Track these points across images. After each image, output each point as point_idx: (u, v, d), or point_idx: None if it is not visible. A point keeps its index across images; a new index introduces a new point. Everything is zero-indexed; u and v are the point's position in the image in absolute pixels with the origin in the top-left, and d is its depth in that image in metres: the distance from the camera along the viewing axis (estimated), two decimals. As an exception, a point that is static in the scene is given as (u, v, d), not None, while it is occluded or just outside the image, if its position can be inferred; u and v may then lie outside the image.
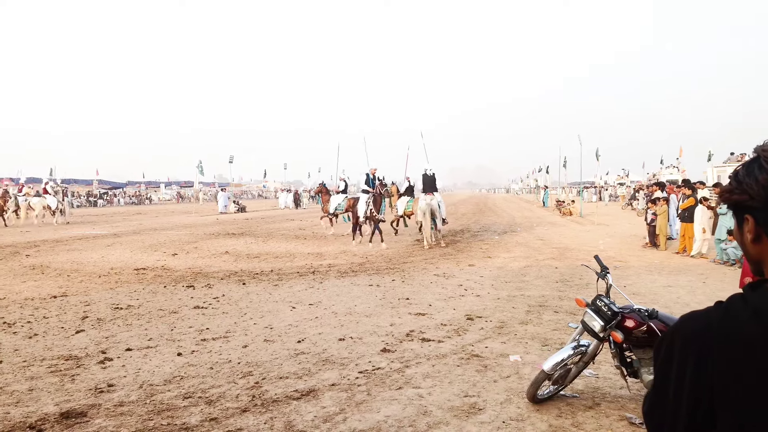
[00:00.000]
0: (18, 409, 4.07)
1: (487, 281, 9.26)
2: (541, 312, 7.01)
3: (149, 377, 4.75)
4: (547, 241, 15.76)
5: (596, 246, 14.17)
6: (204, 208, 40.74)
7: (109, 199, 55.17)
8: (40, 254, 13.74)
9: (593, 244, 14.56)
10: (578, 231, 19.03)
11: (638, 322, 3.77)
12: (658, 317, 3.78)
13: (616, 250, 13.24)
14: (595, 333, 3.96)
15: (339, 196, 18.12)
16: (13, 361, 5.22)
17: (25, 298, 8.18)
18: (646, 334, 3.75)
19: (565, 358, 4.01)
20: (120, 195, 58.20)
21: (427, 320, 6.66)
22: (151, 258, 12.87)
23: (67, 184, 50.75)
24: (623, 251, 13.15)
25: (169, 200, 62.93)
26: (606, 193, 48.87)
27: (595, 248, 13.57)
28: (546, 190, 42.70)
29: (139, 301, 7.98)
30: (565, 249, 13.66)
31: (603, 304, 3.94)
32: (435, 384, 4.54)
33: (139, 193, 61.28)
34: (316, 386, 4.51)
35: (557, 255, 12.52)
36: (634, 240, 15.34)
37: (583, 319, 4.11)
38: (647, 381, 3.79)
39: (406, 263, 11.60)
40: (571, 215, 27.50)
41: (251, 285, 9.23)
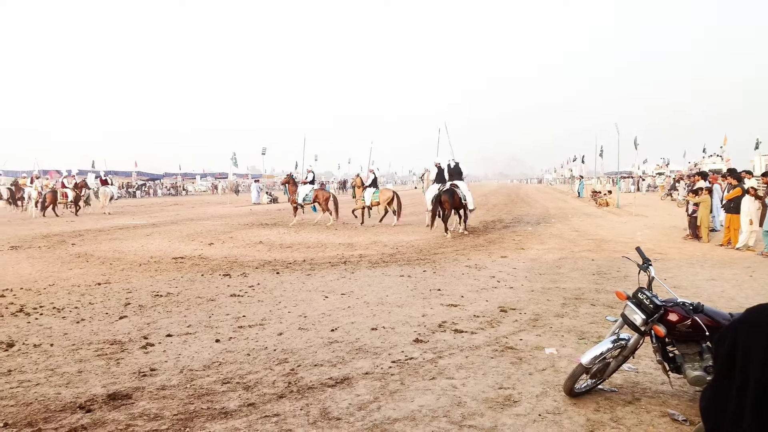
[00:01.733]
0: (69, 390, 4.25)
1: (521, 273, 9.16)
2: (577, 305, 6.90)
3: (189, 362, 4.89)
4: (583, 232, 15.47)
5: (634, 238, 13.83)
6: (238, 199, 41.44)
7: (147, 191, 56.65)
8: (84, 243, 14.25)
9: (631, 236, 14.21)
10: (615, 222, 18.60)
11: (682, 316, 3.67)
12: (704, 311, 3.67)
13: (655, 242, 12.89)
14: (636, 326, 3.88)
15: (306, 186, 19.29)
16: (63, 344, 5.44)
17: (72, 285, 8.51)
18: (691, 328, 3.65)
19: (604, 351, 3.94)
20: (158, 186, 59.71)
21: (460, 311, 6.64)
22: (189, 247, 13.18)
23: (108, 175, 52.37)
24: (663, 243, 12.80)
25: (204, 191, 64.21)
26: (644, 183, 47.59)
27: (633, 240, 13.25)
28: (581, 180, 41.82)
29: (178, 288, 8.20)
30: (602, 241, 13.37)
31: (645, 297, 3.84)
32: (468, 375, 4.53)
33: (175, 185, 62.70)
34: (350, 374, 4.56)
35: (593, 247, 12.27)
36: (674, 231, 14.91)
37: (623, 312, 4.02)
38: (691, 377, 3.69)
39: (437, 254, 11.56)
40: (607, 206, 26.89)
41: (285, 274, 9.36)
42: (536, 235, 15.07)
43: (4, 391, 4.26)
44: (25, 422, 3.71)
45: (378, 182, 19.46)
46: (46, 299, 7.52)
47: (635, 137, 26.44)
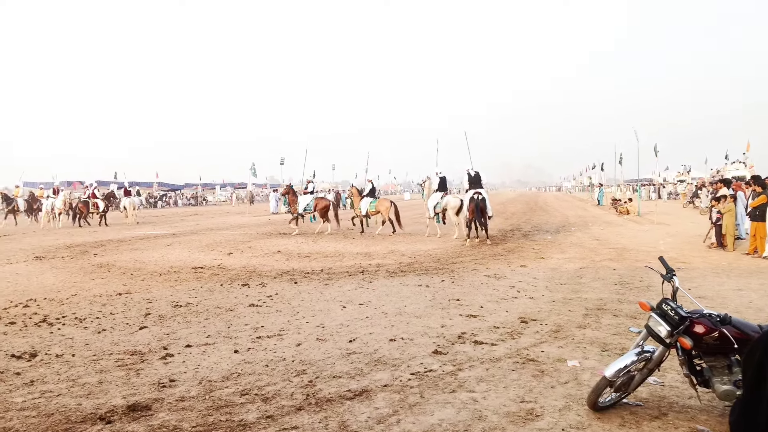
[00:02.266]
0: (89, 401, 4.28)
1: (541, 283, 9.03)
2: (599, 315, 6.77)
3: (208, 373, 4.89)
4: (604, 241, 15.24)
5: (656, 246, 13.58)
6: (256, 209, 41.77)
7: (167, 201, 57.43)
8: (106, 253, 14.46)
9: (653, 245, 13.96)
10: (636, 230, 18.30)
11: (709, 328, 3.56)
12: (731, 323, 3.56)
13: (678, 251, 12.64)
14: (660, 338, 3.78)
15: (307, 196, 19.67)
16: (84, 354, 5.50)
17: (93, 295, 8.62)
18: (718, 340, 3.54)
19: (629, 364, 3.84)
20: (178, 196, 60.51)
21: (479, 322, 6.55)
22: (208, 257, 13.29)
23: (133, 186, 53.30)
24: (686, 252, 12.54)
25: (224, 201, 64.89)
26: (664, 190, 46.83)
27: (655, 249, 13.01)
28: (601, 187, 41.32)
29: (197, 299, 8.25)
30: (623, 249, 13.15)
31: (669, 308, 3.74)
32: (489, 388, 4.46)
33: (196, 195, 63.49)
34: (369, 387, 4.52)
35: (615, 256, 12.07)
36: (697, 240, 14.60)
37: (647, 323, 3.92)
38: (720, 391, 3.57)
39: (455, 263, 11.48)
40: (628, 214, 26.49)
41: (303, 284, 9.37)
42: (556, 243, 14.89)
43: (26, 401, 4.30)
44: (47, 433, 3.74)
45: (375, 191, 19.87)
46: (69, 309, 7.62)
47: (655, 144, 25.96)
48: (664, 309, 3.79)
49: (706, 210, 21.12)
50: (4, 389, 4.57)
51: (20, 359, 5.38)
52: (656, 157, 26.63)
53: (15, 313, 7.41)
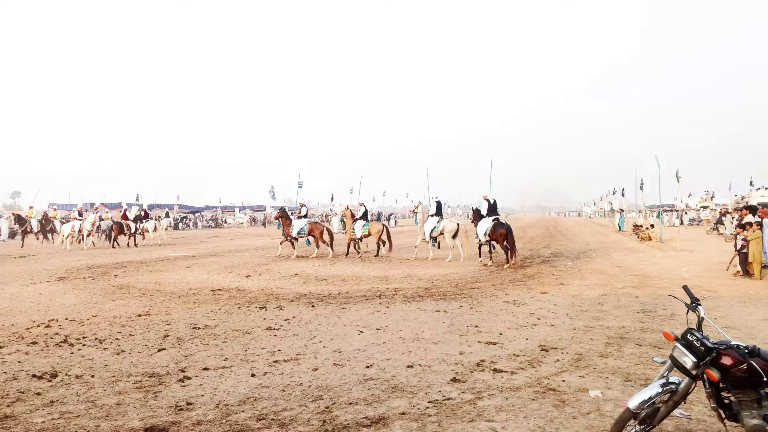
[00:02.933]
0: (108, 423, 4.30)
1: (562, 310, 8.89)
2: (621, 344, 6.62)
3: (225, 397, 4.88)
4: (625, 267, 14.99)
5: (679, 274, 13.31)
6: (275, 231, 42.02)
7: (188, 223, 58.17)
8: (126, 274, 14.65)
9: (676, 272, 13.68)
10: (659, 257, 17.98)
11: (737, 360, 3.45)
12: (760, 355, 3.45)
13: (702, 279, 12.36)
14: (686, 370, 3.67)
15: (301, 220, 19.95)
16: (103, 375, 5.53)
17: (113, 316, 8.71)
18: (747, 373, 3.43)
19: (653, 396, 3.73)
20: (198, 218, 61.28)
21: (499, 350, 6.45)
22: (227, 279, 13.37)
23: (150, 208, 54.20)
24: (711, 280, 12.26)
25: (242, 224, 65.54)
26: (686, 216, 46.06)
27: (679, 276, 12.75)
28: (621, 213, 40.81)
29: (215, 321, 8.28)
30: (645, 277, 12.91)
31: (695, 339, 3.64)
32: (509, 418, 4.37)
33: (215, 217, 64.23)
34: (386, 414, 4.46)
35: (637, 283, 11.85)
36: (722, 268, 14.27)
37: (672, 354, 3.82)
38: (750, 426, 3.45)
39: (474, 289, 11.37)
40: (650, 240, 26.06)
41: (320, 307, 9.35)
42: (576, 270, 14.68)
43: (46, 422, 4.33)
44: (65, 455, 3.74)
45: (368, 215, 20.39)
46: (89, 330, 7.70)
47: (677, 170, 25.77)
48: (689, 339, 3.69)
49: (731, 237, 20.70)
50: (24, 409, 4.61)
51: (41, 379, 5.43)
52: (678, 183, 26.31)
53: (37, 333, 7.51)
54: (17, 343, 6.93)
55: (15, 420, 4.38)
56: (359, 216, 19.85)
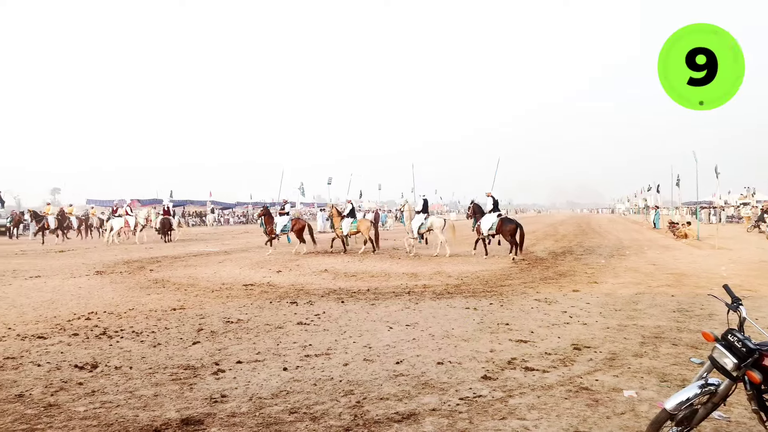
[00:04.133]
0: (146, 413, 4.43)
1: (594, 308, 8.74)
2: (657, 344, 6.48)
3: (258, 390, 4.97)
4: (661, 266, 14.63)
5: (718, 272, 12.92)
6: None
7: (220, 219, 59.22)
8: (161, 269, 15.02)
9: (714, 271, 13.28)
10: (696, 255, 17.49)
11: (780, 362, 3.34)
12: (805, 357, 3.33)
13: (742, 278, 11.97)
14: (726, 371, 3.57)
15: (284, 217, 20.09)
16: (141, 367, 5.70)
17: (149, 310, 8.95)
18: (791, 376, 3.32)
19: (691, 397, 3.64)
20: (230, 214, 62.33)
21: (530, 348, 6.39)
22: (258, 274, 13.59)
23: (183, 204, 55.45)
24: (751, 279, 11.86)
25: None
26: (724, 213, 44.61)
27: (717, 275, 12.37)
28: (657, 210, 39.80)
29: (247, 315, 8.43)
30: (682, 275, 12.58)
31: (736, 340, 3.54)
32: (541, 416, 4.32)
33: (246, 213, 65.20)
34: (417, 410, 4.47)
35: (673, 282, 11.56)
36: (763, 267, 13.80)
37: (711, 354, 3.72)
38: (793, 430, 3.34)
39: (504, 286, 11.28)
40: (686, 238, 25.35)
41: (349, 303, 9.42)
42: (610, 268, 14.40)
43: (88, 411, 4.49)
44: (106, 443, 3.88)
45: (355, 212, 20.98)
46: (126, 323, 7.93)
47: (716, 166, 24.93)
48: (730, 340, 3.59)
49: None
50: (68, 398, 4.79)
51: (83, 370, 5.62)
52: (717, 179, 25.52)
53: (78, 325, 7.78)
54: (59, 335, 7.19)
55: (59, 409, 4.55)
56: (346, 213, 20.22)
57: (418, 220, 18.60)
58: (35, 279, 12.95)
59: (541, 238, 27.72)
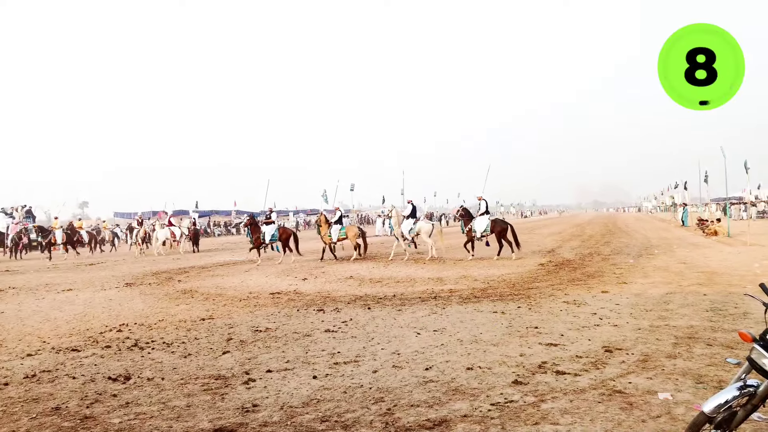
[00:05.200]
0: (179, 423, 4.49)
1: (625, 309, 8.58)
2: (691, 345, 6.33)
3: (288, 399, 5.00)
4: (691, 264, 14.30)
5: (751, 270, 12.57)
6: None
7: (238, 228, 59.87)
8: (189, 279, 15.25)
9: (747, 268, 12.93)
10: (727, 253, 17.05)
11: (823, 362, 3.24)
12: None
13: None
14: (766, 372, 3.47)
15: (271, 226, 19.90)
16: (173, 378, 5.79)
17: (179, 320, 9.09)
18: (835, 376, 3.21)
19: (730, 399, 3.54)
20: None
21: (560, 351, 6.31)
22: (284, 282, 13.69)
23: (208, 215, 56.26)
24: (787, 276, 11.52)
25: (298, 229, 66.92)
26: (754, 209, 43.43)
27: (750, 273, 12.05)
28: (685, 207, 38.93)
29: (275, 324, 8.50)
30: (713, 273, 12.28)
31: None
32: (575, 421, 4.26)
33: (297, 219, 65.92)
34: (448, 416, 4.44)
35: (704, 280, 11.29)
36: (800, 263, 13.38)
37: (750, 355, 3.62)
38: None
39: (531, 289, 11.16)
40: (716, 235, 24.76)
41: (376, 309, 9.42)
42: (639, 267, 14.14)
43: (122, 422, 4.58)
44: (143, 453, 3.95)
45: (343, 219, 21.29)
46: (157, 334, 8.06)
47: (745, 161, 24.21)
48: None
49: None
50: (103, 410, 4.89)
51: (116, 381, 5.73)
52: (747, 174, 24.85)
53: (110, 337, 7.94)
54: (92, 347, 7.34)
55: (95, 421, 4.64)
56: (335, 220, 20.48)
57: (407, 225, 19.34)
58: (67, 292, 13.27)
59: (567, 239, 27.37)
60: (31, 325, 9.06)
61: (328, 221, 20.51)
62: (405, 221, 19.49)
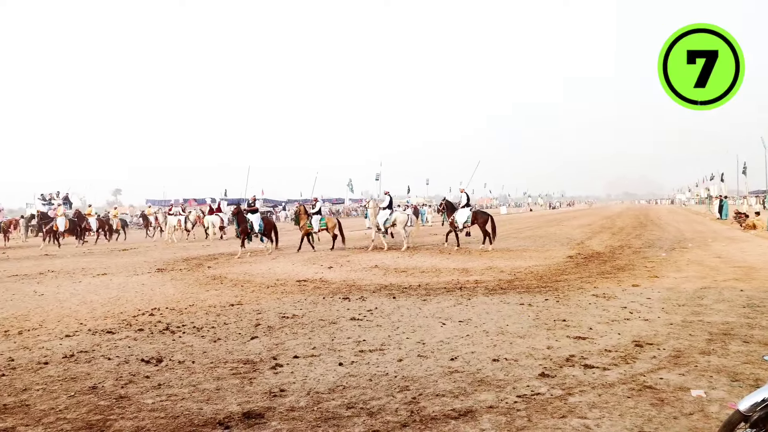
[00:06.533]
0: (209, 406, 4.59)
1: (656, 304, 8.40)
2: (726, 341, 6.16)
3: (315, 385, 5.06)
4: (727, 259, 13.89)
5: (792, 265, 12.14)
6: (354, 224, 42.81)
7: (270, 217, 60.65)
8: (218, 266, 15.52)
9: (787, 264, 12.50)
10: (766, 247, 16.50)
11: None
12: None
13: (819, 271, 11.21)
14: (807, 372, 3.36)
15: (255, 215, 19.50)
16: (203, 362, 5.91)
17: (209, 306, 9.27)
18: None
19: (767, 398, 3.44)
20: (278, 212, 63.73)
21: (589, 345, 6.21)
22: (310, 270, 13.82)
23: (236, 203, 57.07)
24: (830, 272, 11.09)
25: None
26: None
27: (791, 268, 11.64)
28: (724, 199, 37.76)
29: (302, 311, 8.59)
30: (751, 269, 11.91)
31: (818, 338, 3.32)
32: (603, 415, 4.20)
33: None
34: (474, 407, 4.43)
35: (741, 275, 10.96)
36: (843, 259, 12.87)
37: (789, 354, 3.51)
38: None
39: (559, 281, 11.00)
40: (754, 229, 23.96)
41: (401, 299, 9.43)
42: (671, 261, 13.80)
43: (155, 403, 4.70)
44: (174, 434, 4.05)
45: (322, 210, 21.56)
46: (188, 319, 8.24)
47: (787, 151, 23.35)
48: (810, 338, 3.37)
49: None
50: (136, 391, 5.03)
51: (149, 363, 5.89)
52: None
53: (143, 321, 8.15)
54: (126, 330, 7.55)
55: (129, 400, 4.78)
56: (314, 212, 20.63)
57: (383, 215, 19.91)
58: (102, 276, 13.66)
59: (598, 231, 26.88)
60: (68, 308, 9.37)
61: (307, 212, 20.68)
62: (381, 212, 20.09)
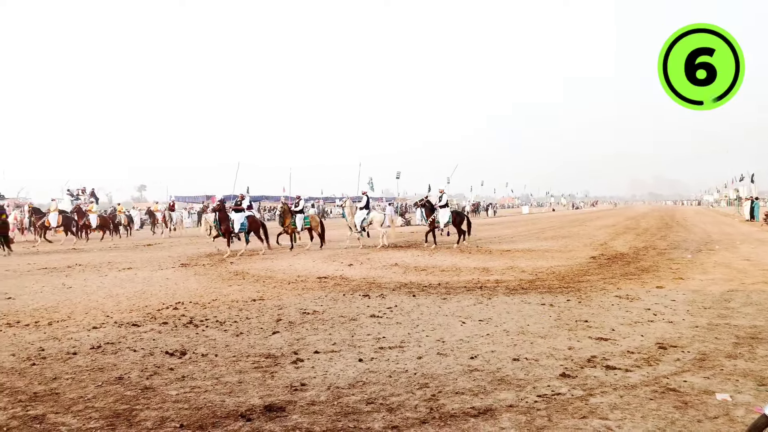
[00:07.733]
0: (231, 399, 4.67)
1: (681, 306, 8.26)
2: (753, 345, 6.03)
3: (335, 380, 5.11)
4: (756, 261, 13.57)
5: (824, 269, 11.81)
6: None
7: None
8: (241, 262, 15.73)
9: (819, 267, 12.16)
10: (797, 251, 16.07)
11: None
12: None
13: None
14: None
15: (240, 214, 18.61)
16: (225, 355, 6.01)
17: (231, 300, 9.40)
18: None
19: (795, 403, 3.37)
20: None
21: (611, 346, 6.14)
22: (331, 267, 13.91)
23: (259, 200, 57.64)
24: None
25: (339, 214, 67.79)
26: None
27: (823, 272, 11.32)
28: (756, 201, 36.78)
29: (322, 307, 8.66)
30: (781, 272, 11.61)
31: None
32: (625, 417, 4.16)
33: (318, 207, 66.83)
34: (493, 405, 4.43)
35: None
36: None
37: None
38: None
39: (582, 282, 10.89)
40: (785, 232, 23.35)
41: (421, 297, 9.44)
42: (697, 263, 13.54)
43: (179, 395, 4.80)
44: (197, 425, 4.14)
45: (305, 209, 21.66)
46: (210, 313, 8.37)
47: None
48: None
49: None
50: (161, 382, 5.14)
51: (173, 356, 6.01)
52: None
53: (167, 314, 8.30)
54: (151, 323, 7.71)
55: (154, 391, 4.89)
56: (297, 209, 20.63)
57: (360, 215, 20.30)
58: (127, 270, 13.95)
59: (621, 232, 26.49)
60: (95, 300, 9.60)
61: (291, 211, 20.71)
62: (359, 212, 20.39)
